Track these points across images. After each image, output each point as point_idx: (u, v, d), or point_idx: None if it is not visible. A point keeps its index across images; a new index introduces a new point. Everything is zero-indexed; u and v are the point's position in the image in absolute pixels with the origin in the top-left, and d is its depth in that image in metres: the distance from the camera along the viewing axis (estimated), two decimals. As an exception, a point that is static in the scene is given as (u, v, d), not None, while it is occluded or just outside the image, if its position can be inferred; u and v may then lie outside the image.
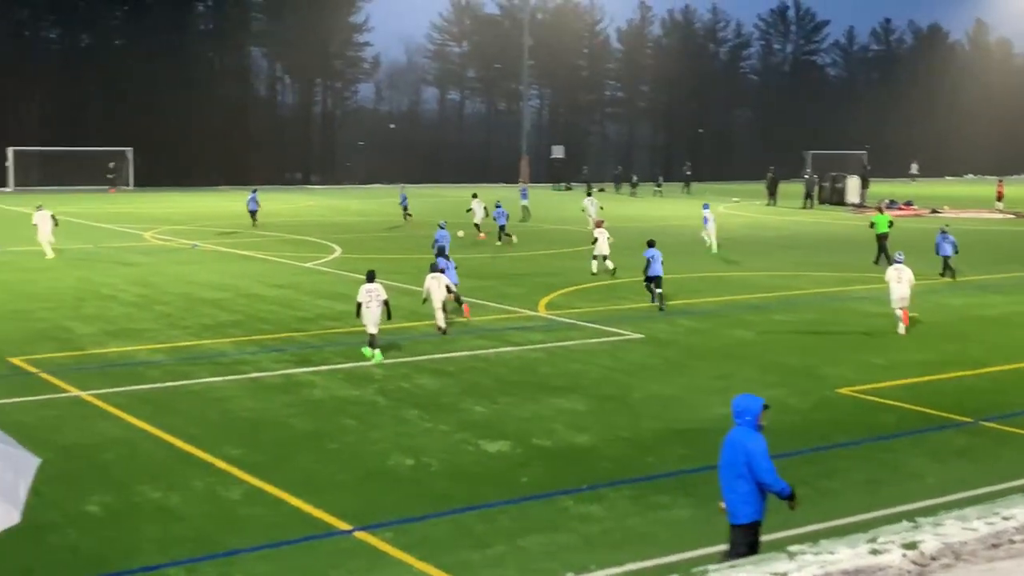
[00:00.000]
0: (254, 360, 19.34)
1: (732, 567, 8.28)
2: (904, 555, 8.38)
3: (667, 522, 11.47)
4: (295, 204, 64.18)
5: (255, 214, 46.96)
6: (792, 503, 9.22)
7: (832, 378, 18.26)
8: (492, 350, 20.44)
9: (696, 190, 78.69)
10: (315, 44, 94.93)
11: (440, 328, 21.63)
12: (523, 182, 64.12)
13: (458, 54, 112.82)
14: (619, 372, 18.69)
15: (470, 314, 23.39)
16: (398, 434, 14.68)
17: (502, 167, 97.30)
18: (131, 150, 79.01)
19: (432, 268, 22.11)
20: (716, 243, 38.23)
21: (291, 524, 11.30)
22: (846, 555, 8.45)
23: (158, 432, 14.58)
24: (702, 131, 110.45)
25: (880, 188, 73.79)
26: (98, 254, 35.70)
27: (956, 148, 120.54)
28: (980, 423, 15.53)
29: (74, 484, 12.30)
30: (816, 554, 8.47)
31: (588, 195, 53.25)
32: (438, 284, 21.48)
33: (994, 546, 8.63)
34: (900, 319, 22.51)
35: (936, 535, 8.82)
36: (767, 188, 67.62)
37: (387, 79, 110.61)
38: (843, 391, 17.36)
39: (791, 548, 8.74)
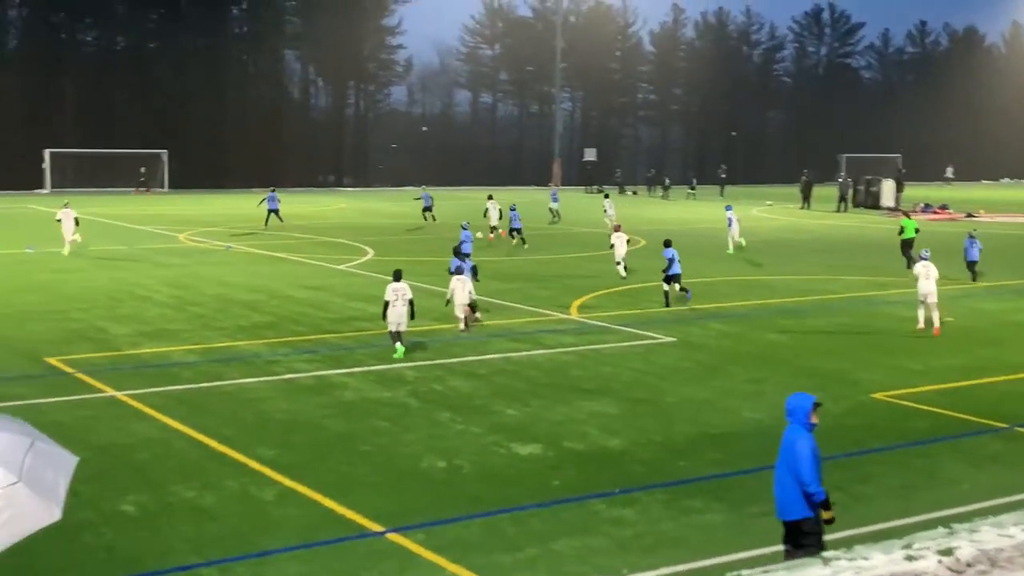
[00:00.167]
0: (287, 361, 19.43)
1: (765, 572, 8.24)
2: (940, 561, 8.31)
3: (700, 526, 11.42)
4: (328, 206, 64.45)
5: (277, 212, 46.94)
6: (825, 512, 9.19)
7: (866, 383, 18.13)
8: (524, 353, 20.43)
9: (730, 193, 78.22)
10: (348, 47, 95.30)
11: (462, 329, 22.07)
12: (553, 185, 64.03)
13: (490, 57, 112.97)
14: (651, 375, 18.64)
15: (480, 319, 23.28)
16: (430, 436, 14.71)
17: (534, 170, 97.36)
18: (166, 152, 79.60)
19: (458, 270, 22.60)
20: (742, 241, 38.66)
21: (324, 525, 11.34)
22: (881, 561, 8.39)
23: (192, 432, 14.67)
24: (735, 134, 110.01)
25: (915, 192, 73.28)
26: (133, 255, 35.96)
27: (992, 151, 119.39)
28: (1016, 428, 15.38)
29: (109, 484, 12.39)
30: (851, 560, 8.41)
31: (605, 197, 53.02)
32: (462, 286, 21.92)
33: (1031, 553, 8.54)
34: (932, 313, 22.89)
35: (972, 542, 8.73)
36: (801, 191, 67.26)
37: (419, 82, 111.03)
38: (877, 396, 17.24)
39: (826, 554, 8.68)
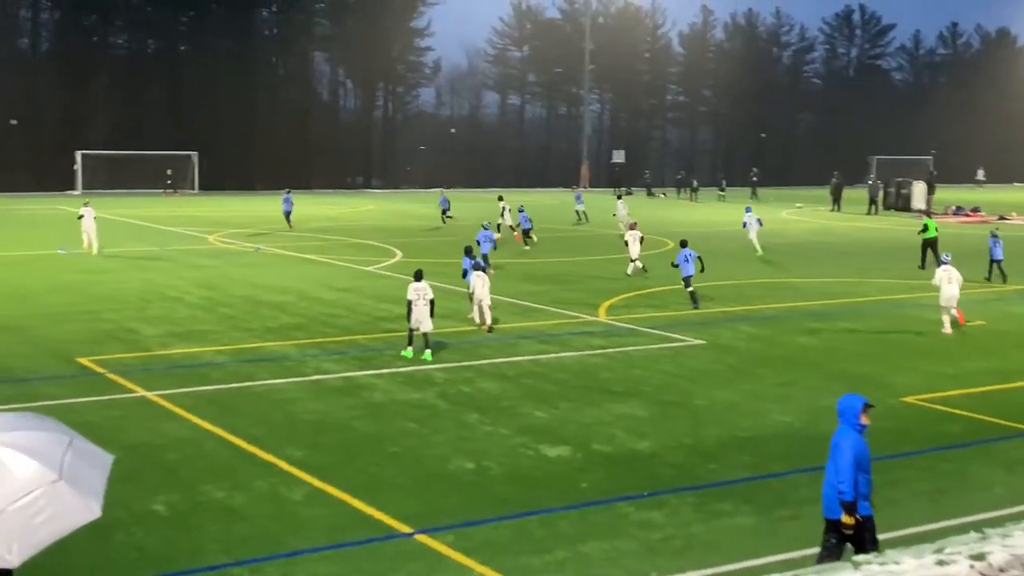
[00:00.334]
0: (316, 362, 19.50)
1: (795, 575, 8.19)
2: (972, 566, 8.24)
3: (729, 529, 11.38)
4: (356, 208, 64.63)
5: (288, 215, 47.76)
6: (847, 516, 9.20)
7: (897, 386, 18.01)
8: (552, 355, 20.43)
9: (762, 196, 77.71)
10: (377, 49, 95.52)
11: (478, 324, 22.62)
12: (575, 187, 64.02)
13: (519, 58, 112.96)
14: (681, 378, 18.59)
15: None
16: (459, 438, 14.72)
17: (562, 172, 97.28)
18: (196, 154, 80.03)
19: (476, 266, 23.21)
20: (758, 248, 38.78)
21: (353, 526, 11.37)
22: (912, 566, 8.32)
23: (222, 433, 14.75)
24: (764, 136, 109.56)
25: (946, 194, 72.73)
26: (163, 256, 36.19)
27: (1023, 154, 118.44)
28: (1050, 433, 15.25)
29: (140, 483, 12.47)
30: (882, 564, 8.35)
31: (618, 198, 52.96)
32: (482, 283, 22.45)
33: (1065, 559, 8.45)
34: (955, 317, 23.22)
35: (1004, 546, 8.65)
36: (831, 194, 66.90)
37: (448, 84, 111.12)
38: (908, 400, 17.13)
39: (856, 558, 8.62)
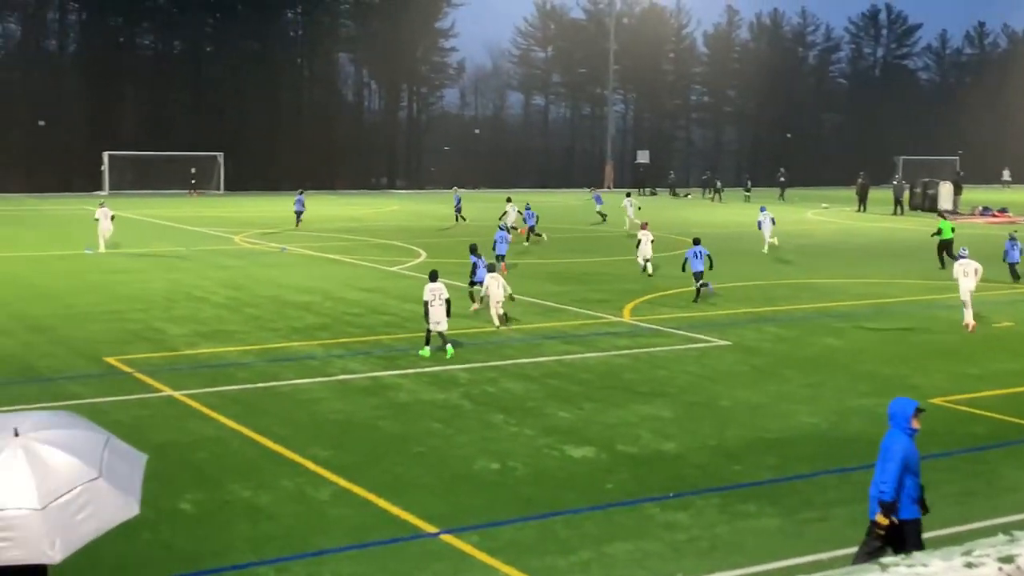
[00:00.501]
0: (341, 362, 19.56)
1: (822, 577, 8.17)
2: (1000, 569, 8.18)
3: (755, 531, 11.35)
4: (380, 208, 64.77)
5: (299, 215, 48.51)
6: (883, 517, 9.16)
7: (924, 387, 17.91)
8: (577, 355, 20.42)
9: (788, 196, 77.26)
10: (402, 50, 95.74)
11: (497, 325, 22.89)
12: (593, 188, 64.19)
13: (543, 59, 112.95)
14: (706, 379, 18.55)
15: (479, 305, 24.46)
16: (483, 438, 14.74)
17: (586, 172, 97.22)
18: (221, 155, 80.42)
19: (490, 268, 23.63)
20: (775, 241, 39.05)
21: (379, 525, 11.41)
22: (940, 568, 8.26)
23: (248, 432, 14.82)
24: (790, 136, 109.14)
25: (973, 195, 72.27)
26: (189, 256, 36.38)
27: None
28: (1079, 436, 15.14)
29: (167, 482, 12.53)
30: (909, 567, 8.30)
31: (627, 196, 53.27)
32: (496, 283, 22.78)
33: (1095, 562, 8.40)
34: (968, 311, 23.39)
35: (1034, 549, 8.61)
36: (857, 194, 66.58)
37: (472, 84, 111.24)
38: (936, 401, 17.02)
39: (884, 560, 8.56)
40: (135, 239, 41.18)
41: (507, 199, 47.18)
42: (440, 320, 19.77)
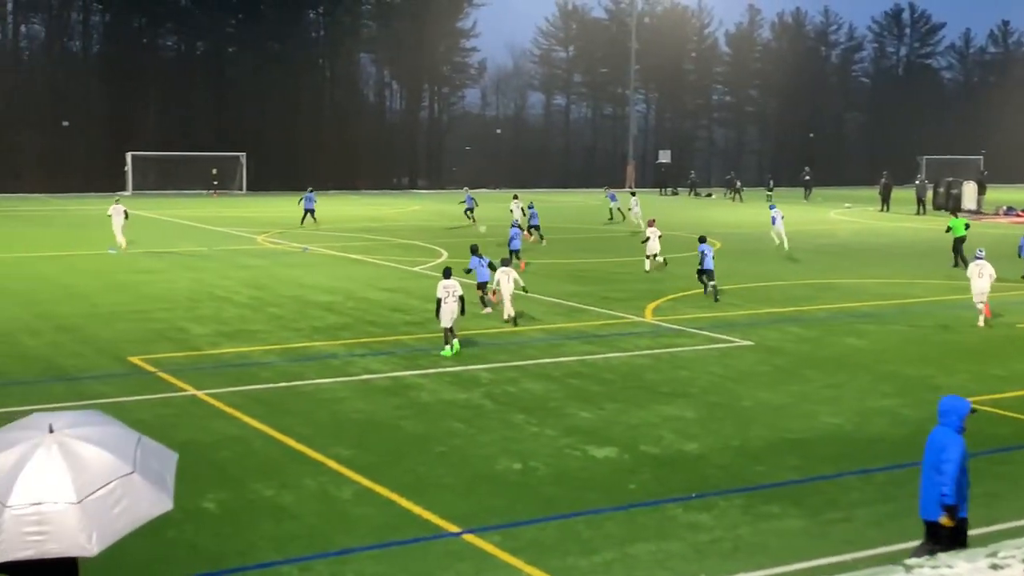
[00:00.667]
0: (363, 362, 19.61)
1: (846, 579, 8.15)
2: (1026, 571, 8.14)
3: (778, 532, 11.32)
4: (402, 208, 64.88)
5: (312, 212, 49.10)
6: (946, 520, 9.32)
7: (948, 388, 17.78)
8: (599, 355, 20.41)
9: (814, 196, 76.77)
10: (423, 50, 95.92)
11: (509, 318, 23.21)
12: (607, 188, 64.46)
13: (564, 59, 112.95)
14: (728, 379, 18.50)
15: (496, 298, 24.60)
16: (505, 438, 14.75)
17: (607, 172, 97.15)
18: (243, 155, 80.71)
19: (504, 263, 23.89)
20: (785, 241, 39.04)
21: (401, 525, 11.43)
22: (965, 569, 8.23)
23: (271, 431, 14.87)
24: (812, 136, 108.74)
25: (997, 194, 71.85)
26: (212, 256, 36.53)
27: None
28: (1105, 437, 15.03)
29: (191, 481, 12.55)
30: (934, 568, 8.26)
31: (632, 195, 53.49)
32: (507, 278, 23.09)
33: (1121, 563, 8.34)
34: (981, 312, 23.40)
35: (1060, 551, 8.55)
36: (880, 194, 66.34)
37: (493, 84, 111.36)
38: (959, 402, 16.91)
39: (908, 561, 8.54)
40: (159, 239, 41.40)
41: (513, 196, 47.26)
42: (452, 317, 19.86)
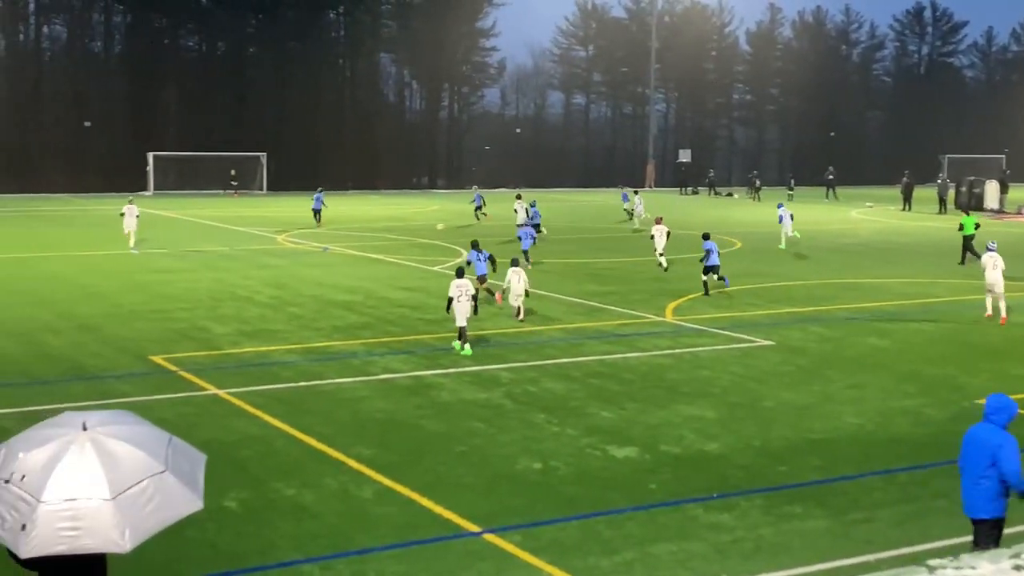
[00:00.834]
0: (384, 362, 19.63)
1: (868, 579, 8.11)
2: (1050, 572, 8.09)
3: (800, 532, 11.27)
4: (422, 208, 64.93)
5: (317, 213, 49.34)
6: None
7: (971, 388, 17.73)
8: (619, 355, 20.38)
9: (841, 196, 76.25)
10: (443, 50, 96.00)
11: (519, 318, 23.48)
12: (623, 186, 64.61)
13: (584, 58, 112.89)
14: (749, 379, 18.44)
15: (502, 301, 24.78)
16: (525, 438, 14.74)
17: (627, 171, 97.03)
18: (264, 155, 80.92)
19: (513, 263, 23.98)
20: (797, 234, 39.21)
21: (422, 524, 11.43)
22: (988, 570, 8.17)
23: (292, 431, 14.90)
24: (834, 135, 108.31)
25: (1019, 193, 71.41)
26: (233, 256, 36.64)
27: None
28: None
29: (212, 480, 12.45)
30: (957, 568, 8.21)
31: (635, 193, 53.78)
32: (518, 278, 23.29)
33: None
34: (998, 304, 23.86)
35: (1083, 552, 8.49)
36: (902, 193, 66.02)
37: (513, 84, 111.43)
38: (982, 402, 16.77)
39: (931, 562, 8.49)
40: (180, 239, 41.57)
41: (517, 196, 46.83)
42: (466, 316, 19.96)
